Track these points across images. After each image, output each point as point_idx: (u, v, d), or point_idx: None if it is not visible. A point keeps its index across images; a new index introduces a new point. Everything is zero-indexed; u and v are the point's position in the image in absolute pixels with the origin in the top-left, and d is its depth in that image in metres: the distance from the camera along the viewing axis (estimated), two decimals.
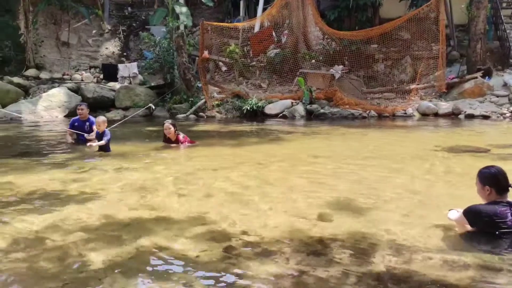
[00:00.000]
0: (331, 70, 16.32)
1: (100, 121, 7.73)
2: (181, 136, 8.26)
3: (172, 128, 8.14)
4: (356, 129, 11.50)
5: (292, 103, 15.10)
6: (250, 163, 6.81)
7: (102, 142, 7.59)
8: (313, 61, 16.85)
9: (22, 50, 18.75)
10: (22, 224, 3.87)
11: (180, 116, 14.96)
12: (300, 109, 14.71)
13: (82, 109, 8.64)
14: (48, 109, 15.15)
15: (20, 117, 13.82)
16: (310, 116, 14.46)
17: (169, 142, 8.24)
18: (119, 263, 3.06)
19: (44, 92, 16.10)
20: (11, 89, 16.07)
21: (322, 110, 14.60)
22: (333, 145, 8.88)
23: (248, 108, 14.82)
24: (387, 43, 16.23)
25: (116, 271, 2.94)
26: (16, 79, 16.92)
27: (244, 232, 3.66)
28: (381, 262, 3.08)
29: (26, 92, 16.57)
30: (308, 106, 14.82)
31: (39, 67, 19.18)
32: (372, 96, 15.92)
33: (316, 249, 3.33)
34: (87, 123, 8.57)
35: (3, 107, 15.07)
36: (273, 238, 3.53)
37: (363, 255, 3.20)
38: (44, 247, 3.36)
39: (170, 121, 8.44)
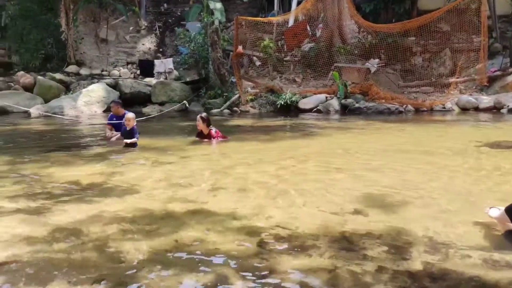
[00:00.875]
0: (367, 63, 16.04)
1: (130, 117, 7.84)
2: (213, 131, 8.33)
3: (201, 121, 8.20)
4: (392, 123, 11.27)
5: (326, 97, 14.94)
6: (283, 157, 6.79)
7: (134, 140, 7.73)
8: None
9: (63, 47, 19.37)
10: (63, 215, 4.00)
11: (215, 111, 15.08)
12: (334, 103, 14.55)
13: (112, 107, 9.00)
14: (88, 104, 15.61)
15: (62, 114, 14.27)
16: (345, 110, 14.28)
17: (202, 137, 8.32)
18: (155, 255, 3.13)
19: (84, 87, 16.60)
20: (53, 85, 16.68)
21: (357, 105, 14.38)
22: (368, 140, 8.73)
23: (282, 103, 14.78)
24: (426, 36, 15.77)
25: (152, 263, 3.00)
26: (58, 75, 17.54)
27: (278, 226, 3.65)
28: (417, 259, 3.01)
29: (67, 87, 17.14)
30: (342, 101, 14.63)
31: (79, 64, 19.78)
32: (409, 90, 15.55)
33: (351, 244, 3.29)
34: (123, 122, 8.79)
35: (46, 102, 15.65)
36: (307, 233, 3.51)
37: (399, 252, 3.14)
38: (83, 238, 3.47)
39: (203, 114, 8.53)
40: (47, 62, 19.34)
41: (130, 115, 7.93)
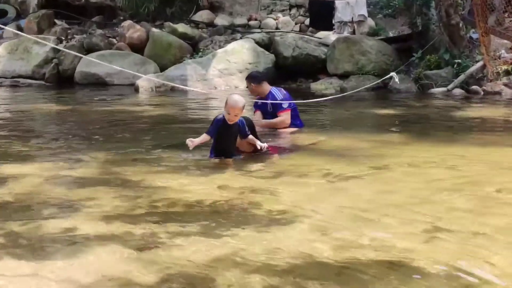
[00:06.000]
0: None
1: (239, 107, 7.17)
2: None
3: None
4: None
5: None
6: None
7: (263, 145, 7.50)
8: None
9: None
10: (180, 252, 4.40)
11: (437, 90, 14.84)
12: None
13: (247, 84, 9.63)
14: (224, 74, 16.41)
15: (185, 88, 15.28)
16: None
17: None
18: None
19: (220, 47, 17.57)
20: (173, 43, 17.91)
21: None
22: None
23: None
24: None
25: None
26: (181, 27, 18.69)
27: None
28: None
29: (193, 47, 18.28)
30: None
31: (215, 8, 20.98)
32: None
33: None
34: (269, 104, 9.06)
35: (162, 70, 16.94)
36: None
37: None
38: None
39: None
40: (166, 5, 20.81)
41: (240, 104, 7.22)
